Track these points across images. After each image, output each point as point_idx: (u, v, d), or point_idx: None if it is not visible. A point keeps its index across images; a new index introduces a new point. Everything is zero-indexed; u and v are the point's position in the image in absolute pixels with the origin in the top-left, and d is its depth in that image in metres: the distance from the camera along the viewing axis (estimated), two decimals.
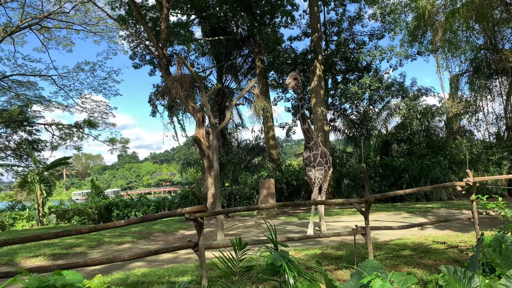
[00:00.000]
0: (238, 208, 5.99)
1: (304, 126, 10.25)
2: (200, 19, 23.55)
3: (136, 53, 24.76)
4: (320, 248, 8.26)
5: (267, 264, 4.12)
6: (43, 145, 30.51)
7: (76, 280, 2.57)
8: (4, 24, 22.64)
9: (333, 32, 26.37)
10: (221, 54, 23.48)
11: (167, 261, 8.15)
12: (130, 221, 4.78)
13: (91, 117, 28.78)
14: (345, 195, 20.14)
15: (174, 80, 14.21)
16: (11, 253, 9.51)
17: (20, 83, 27.00)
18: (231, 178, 21.91)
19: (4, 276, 3.91)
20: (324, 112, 21.67)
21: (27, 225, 21.06)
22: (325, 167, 10.44)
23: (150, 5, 22.25)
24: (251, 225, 13.89)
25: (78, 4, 23.23)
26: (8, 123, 27.90)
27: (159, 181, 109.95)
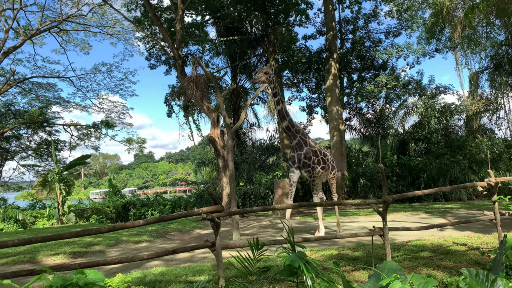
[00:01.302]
0: (254, 208, 5.99)
1: (283, 123, 9.66)
2: (214, 20, 23.63)
3: (152, 54, 25.01)
4: (336, 249, 8.20)
5: (285, 265, 4.10)
6: (62, 145, 31.17)
7: (98, 279, 2.61)
8: (24, 27, 23.16)
9: (348, 30, 26.12)
10: (235, 54, 23.51)
11: (183, 260, 8.20)
12: (148, 221, 4.83)
13: (108, 118, 29.24)
14: (362, 195, 19.94)
15: (190, 80, 14.31)
16: (33, 251, 9.72)
17: (40, 85, 27.63)
18: (245, 178, 21.93)
19: (28, 274, 4.01)
20: (340, 111, 21.50)
21: (48, 224, 21.53)
22: (316, 168, 9.74)
23: (165, 6, 22.43)
24: (266, 225, 13.88)
25: (95, 7, 23.63)
26: (29, 124, 28.57)
27: (175, 180, 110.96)
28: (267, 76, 9.25)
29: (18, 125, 28.32)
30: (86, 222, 22.39)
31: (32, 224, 21.67)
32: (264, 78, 9.24)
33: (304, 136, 9.81)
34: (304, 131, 10.05)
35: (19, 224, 20.88)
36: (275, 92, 9.42)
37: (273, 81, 9.38)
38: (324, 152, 10.19)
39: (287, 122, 9.54)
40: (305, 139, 9.79)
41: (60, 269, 4.10)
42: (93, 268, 3.58)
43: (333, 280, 4.03)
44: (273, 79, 9.40)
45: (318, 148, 10.06)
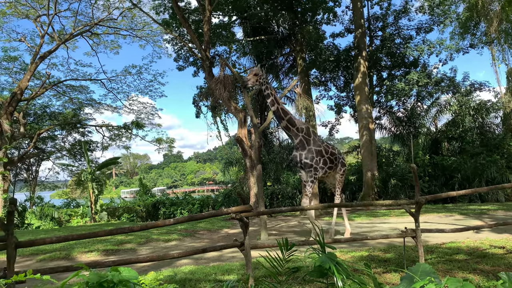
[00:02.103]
0: (283, 208, 5.96)
1: (281, 124, 9.34)
2: (241, 20, 23.70)
3: (180, 55, 25.34)
4: (367, 250, 8.06)
5: (315, 266, 4.06)
6: (94, 145, 32.18)
7: (132, 276, 2.64)
8: (58, 32, 24.01)
9: (377, 27, 25.57)
10: (262, 54, 23.50)
11: (212, 259, 8.27)
12: (178, 220, 4.89)
13: (138, 118, 29.91)
14: (392, 195, 19.51)
15: (217, 81, 14.40)
16: (68, 248, 10.07)
17: (73, 87, 28.57)
18: (273, 178, 21.90)
19: (65, 270, 4.15)
20: (369, 110, 21.12)
21: (81, 222, 22.26)
22: (320, 169, 9.36)
23: (192, 8, 22.70)
24: (294, 225, 13.81)
25: (125, 11, 24.21)
26: (63, 125, 29.67)
27: (203, 180, 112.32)
28: (257, 78, 9.03)
29: (53, 126, 29.45)
30: (117, 220, 22.99)
31: (67, 222, 22.47)
32: (254, 80, 9.02)
33: (307, 135, 9.45)
34: (309, 129, 9.64)
35: (54, 222, 21.69)
36: (268, 93, 9.16)
37: (264, 82, 9.13)
38: (332, 151, 9.80)
39: (285, 122, 9.26)
40: (308, 138, 9.44)
41: (94, 266, 4.22)
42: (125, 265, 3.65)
43: (364, 282, 3.96)
44: (264, 80, 9.14)
45: (324, 146, 9.68)
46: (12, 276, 3.30)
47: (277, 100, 9.27)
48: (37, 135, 24.53)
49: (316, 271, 4.12)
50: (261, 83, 9.07)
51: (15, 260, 3.74)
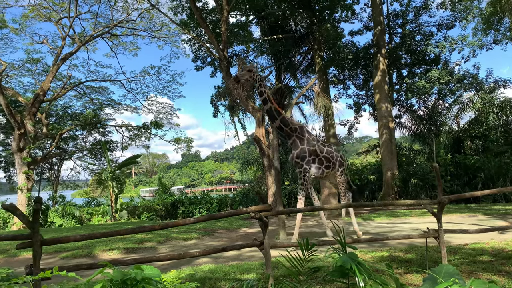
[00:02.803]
0: (302, 208, 5.92)
1: (274, 123, 9.19)
2: (258, 19, 23.67)
3: (198, 55, 25.49)
4: (387, 251, 7.96)
5: (336, 266, 4.02)
6: (115, 145, 32.73)
7: (154, 274, 2.68)
8: (79, 34, 24.50)
9: (397, 24, 25.15)
10: (280, 53, 23.39)
11: (231, 258, 8.29)
12: (198, 219, 4.92)
13: (157, 118, 30.25)
14: (413, 195, 19.19)
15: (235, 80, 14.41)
16: (90, 246, 10.26)
17: (93, 88, 29.11)
18: (291, 177, 21.84)
19: (88, 268, 4.22)
20: (389, 108, 20.82)
21: (102, 220, 22.67)
22: (306, 170, 9.09)
23: (210, 8, 22.80)
24: (312, 224, 13.73)
25: (144, 12, 24.51)
26: (84, 126, 30.26)
27: (220, 179, 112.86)
28: (250, 74, 8.91)
29: (74, 126, 30.09)
30: (137, 219, 23.32)
31: (88, 220, 22.91)
32: (248, 76, 8.91)
33: (301, 135, 9.28)
34: (303, 128, 9.47)
35: (76, 220, 22.15)
36: (261, 91, 9.03)
37: (257, 80, 8.98)
38: (328, 150, 9.55)
39: (278, 122, 9.08)
40: (302, 137, 9.26)
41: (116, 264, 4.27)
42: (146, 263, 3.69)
43: (386, 282, 3.91)
44: (258, 78, 8.98)
45: (319, 146, 9.46)
46: (38, 273, 3.37)
47: (270, 99, 9.11)
48: (59, 135, 25.09)
49: (337, 271, 4.08)
50: (255, 80, 8.95)
51: (40, 257, 3.83)
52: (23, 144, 20.22)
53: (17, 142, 20.06)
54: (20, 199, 20.10)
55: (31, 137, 20.89)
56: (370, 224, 12.96)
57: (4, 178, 32.60)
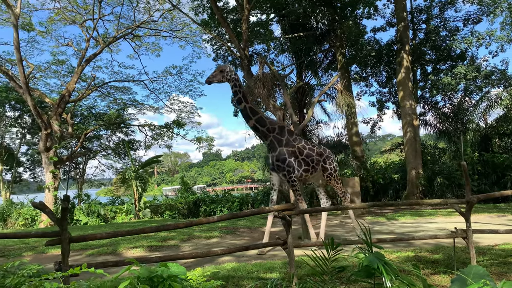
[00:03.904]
0: (326, 207, 5.84)
1: (249, 123, 8.88)
2: (279, 17, 23.60)
3: (219, 55, 25.64)
4: (413, 251, 7.81)
5: (362, 266, 3.96)
6: (138, 144, 33.30)
7: (180, 272, 2.68)
8: (102, 35, 25.01)
9: (421, 19, 24.59)
10: (301, 51, 23.28)
11: (254, 257, 8.28)
12: (221, 217, 4.93)
13: (179, 117, 30.57)
14: (439, 194, 18.73)
15: (257, 79, 14.40)
16: (114, 244, 10.44)
17: (117, 88, 29.67)
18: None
19: (114, 265, 4.29)
20: (413, 106, 20.40)
21: (126, 218, 23.08)
22: (290, 171, 8.75)
23: (231, 8, 22.88)
24: (335, 224, 13.59)
25: (165, 12, 24.79)
26: (108, 125, 30.90)
27: (241, 178, 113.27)
28: (223, 74, 8.73)
29: (99, 126, 30.75)
30: (160, 217, 23.62)
31: (112, 218, 23.36)
32: (220, 77, 8.74)
33: (279, 135, 8.95)
34: (282, 128, 9.14)
35: (101, 218, 22.62)
36: (235, 90, 8.80)
37: (232, 79, 8.78)
38: (308, 152, 9.11)
39: (253, 122, 8.81)
40: (281, 138, 8.92)
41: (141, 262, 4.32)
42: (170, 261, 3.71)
43: (413, 283, 3.84)
44: (232, 77, 8.78)
45: (300, 147, 9.08)
46: (67, 269, 3.44)
47: (245, 98, 8.89)
48: (84, 135, 25.68)
49: (363, 270, 4.02)
50: (228, 80, 8.78)
51: (69, 254, 3.91)
52: (49, 143, 20.78)
53: (44, 142, 20.63)
54: (47, 198, 20.68)
55: (57, 137, 21.45)
56: (394, 223, 12.72)
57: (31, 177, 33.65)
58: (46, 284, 2.40)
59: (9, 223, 21.35)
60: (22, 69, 19.06)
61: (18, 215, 21.47)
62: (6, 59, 24.07)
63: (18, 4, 18.65)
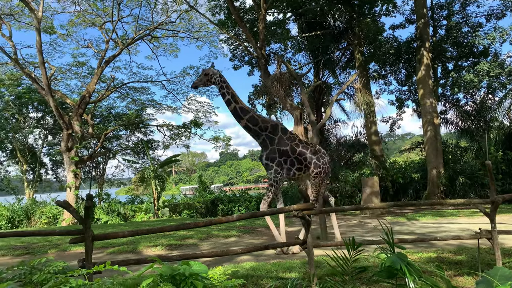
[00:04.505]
0: (346, 207, 5.78)
1: (241, 123, 8.82)
2: (296, 16, 23.52)
3: (236, 55, 25.71)
4: (435, 252, 7.66)
5: (384, 266, 3.90)
6: (156, 144, 33.72)
7: (202, 270, 2.69)
8: (121, 37, 25.39)
9: (442, 16, 24.07)
10: (318, 49, 23.14)
11: (272, 256, 8.27)
12: (240, 216, 4.93)
13: (197, 117, 30.81)
14: (461, 194, 18.32)
15: (274, 79, 14.37)
16: (134, 242, 10.58)
17: (135, 89, 30.10)
18: (330, 176, 21.50)
19: (135, 263, 4.34)
20: (434, 104, 20.02)
21: (145, 217, 23.36)
22: (277, 171, 8.62)
23: (247, 7, 22.91)
24: (354, 224, 13.45)
25: (183, 13, 25.01)
26: (127, 126, 31.38)
27: (258, 178, 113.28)
28: (208, 78, 8.68)
29: (118, 126, 31.27)
30: (178, 216, 23.83)
31: (132, 217, 23.68)
32: (206, 80, 8.69)
33: (272, 134, 8.85)
34: (275, 127, 9.00)
35: (121, 217, 22.96)
36: (223, 92, 8.73)
37: (218, 82, 8.70)
38: (301, 151, 8.95)
39: (244, 121, 8.75)
40: (273, 136, 8.82)
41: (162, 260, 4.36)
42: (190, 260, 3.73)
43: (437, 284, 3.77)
44: (217, 79, 8.70)
45: (293, 145, 8.92)
46: (90, 267, 3.49)
47: (234, 99, 8.80)
48: (104, 135, 26.13)
49: (385, 271, 3.97)
50: (214, 82, 8.73)
51: (92, 252, 3.97)
52: (71, 144, 21.22)
53: (65, 142, 21.08)
54: (69, 197, 21.12)
55: (78, 137, 21.88)
56: (415, 224, 12.50)
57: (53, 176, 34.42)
58: (72, 281, 2.44)
59: (32, 221, 21.88)
60: (45, 71, 19.54)
61: (41, 213, 21.99)
62: (29, 62, 24.71)
63: (41, 8, 19.11)
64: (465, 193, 18.30)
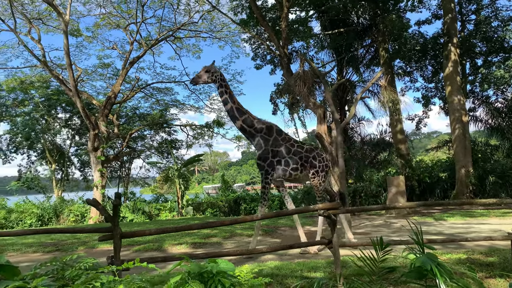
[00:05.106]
0: (374, 206, 5.69)
1: (236, 124, 8.72)
2: (318, 14, 23.33)
3: (258, 54, 25.72)
4: (464, 253, 7.46)
5: (414, 267, 3.83)
6: (180, 144, 34.13)
7: (229, 268, 2.69)
8: (145, 38, 25.79)
9: (470, 10, 23.36)
10: (341, 47, 22.88)
11: (296, 256, 8.22)
12: (266, 215, 4.92)
13: (219, 117, 31.01)
14: (491, 194, 17.72)
15: (297, 77, 14.29)
16: (160, 240, 10.72)
17: (159, 89, 30.53)
18: (354, 175, 21.24)
19: (162, 261, 4.39)
20: (462, 101, 19.46)
21: (169, 216, 23.67)
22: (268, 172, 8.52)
23: (269, 6, 22.87)
24: (379, 224, 13.21)
25: (205, 14, 25.18)
26: (151, 126, 31.88)
27: None
28: (208, 75, 8.65)
29: (143, 126, 31.81)
30: (202, 215, 24.03)
31: (156, 216, 24.04)
32: (206, 77, 8.66)
33: (267, 135, 8.75)
34: (270, 128, 8.90)
35: (145, 215, 23.34)
36: (221, 91, 8.70)
37: (217, 80, 8.68)
38: (296, 150, 8.82)
39: (240, 122, 8.67)
40: (268, 137, 8.72)
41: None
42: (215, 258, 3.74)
43: (469, 286, 3.66)
44: (217, 78, 8.68)
45: (288, 146, 8.80)
46: (118, 264, 3.55)
47: (232, 99, 8.76)
48: (129, 135, 26.62)
49: (415, 272, 3.90)
50: (214, 80, 8.71)
51: (120, 249, 4.04)
52: (97, 143, 21.72)
53: (92, 142, 21.59)
54: (95, 195, 21.60)
55: (104, 137, 22.37)
56: (443, 224, 12.19)
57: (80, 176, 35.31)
58: (103, 277, 2.48)
59: (61, 219, 22.51)
60: (72, 73, 20.07)
61: (69, 211, 22.59)
62: (57, 64, 25.44)
63: (68, 11, 19.64)
64: (496, 193, 17.69)
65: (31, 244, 10.88)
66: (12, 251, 10.06)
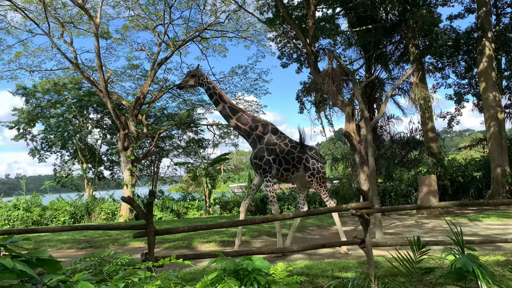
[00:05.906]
0: (408, 206, 5.55)
1: (231, 123, 8.65)
2: (346, 11, 23.00)
3: (284, 52, 25.61)
4: (503, 255, 7.19)
5: (454, 268, 3.70)
6: (206, 143, 34.49)
7: (264, 266, 2.67)
8: (172, 39, 26.14)
9: (505, 3, 22.45)
10: (369, 44, 22.47)
11: (326, 255, 8.11)
12: (297, 214, 4.87)
13: None
14: None
15: (325, 75, 14.13)
16: (189, 238, 10.84)
17: (186, 89, 30.85)
18: (384, 174, 20.82)
19: (195, 258, 4.42)
20: (497, 98, 18.72)
21: (197, 214, 23.94)
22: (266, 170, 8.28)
23: (295, 4, 22.73)
24: (411, 224, 12.89)
25: (231, 13, 25.28)
26: (179, 125, 32.34)
27: None
28: (194, 79, 8.58)
29: (171, 126, 32.32)
30: (229, 213, 24.17)
31: (184, 214, 24.36)
32: (192, 82, 8.60)
33: (262, 133, 8.59)
34: (266, 126, 8.75)
35: (174, 213, 23.69)
36: (210, 93, 8.67)
37: (205, 83, 8.62)
38: (289, 150, 8.57)
39: (234, 121, 8.59)
40: (262, 136, 8.56)
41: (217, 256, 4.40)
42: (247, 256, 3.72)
43: None
44: (204, 81, 8.61)
45: (282, 145, 8.58)
46: (152, 260, 3.59)
47: (222, 99, 8.70)
48: (157, 134, 27.08)
49: (454, 273, 3.80)
50: (201, 84, 8.67)
51: (154, 246, 4.09)
52: (127, 143, 22.20)
53: (122, 141, 22.09)
54: (126, 194, 22.05)
55: (133, 137, 22.83)
56: (478, 225, 11.76)
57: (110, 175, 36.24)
58: (140, 273, 2.51)
59: (92, 217, 23.16)
60: (102, 75, 20.58)
61: (101, 209, 23.21)
62: (88, 66, 26.16)
63: (98, 14, 20.15)
64: None
65: (66, 240, 11.23)
66: (48, 247, 10.43)
